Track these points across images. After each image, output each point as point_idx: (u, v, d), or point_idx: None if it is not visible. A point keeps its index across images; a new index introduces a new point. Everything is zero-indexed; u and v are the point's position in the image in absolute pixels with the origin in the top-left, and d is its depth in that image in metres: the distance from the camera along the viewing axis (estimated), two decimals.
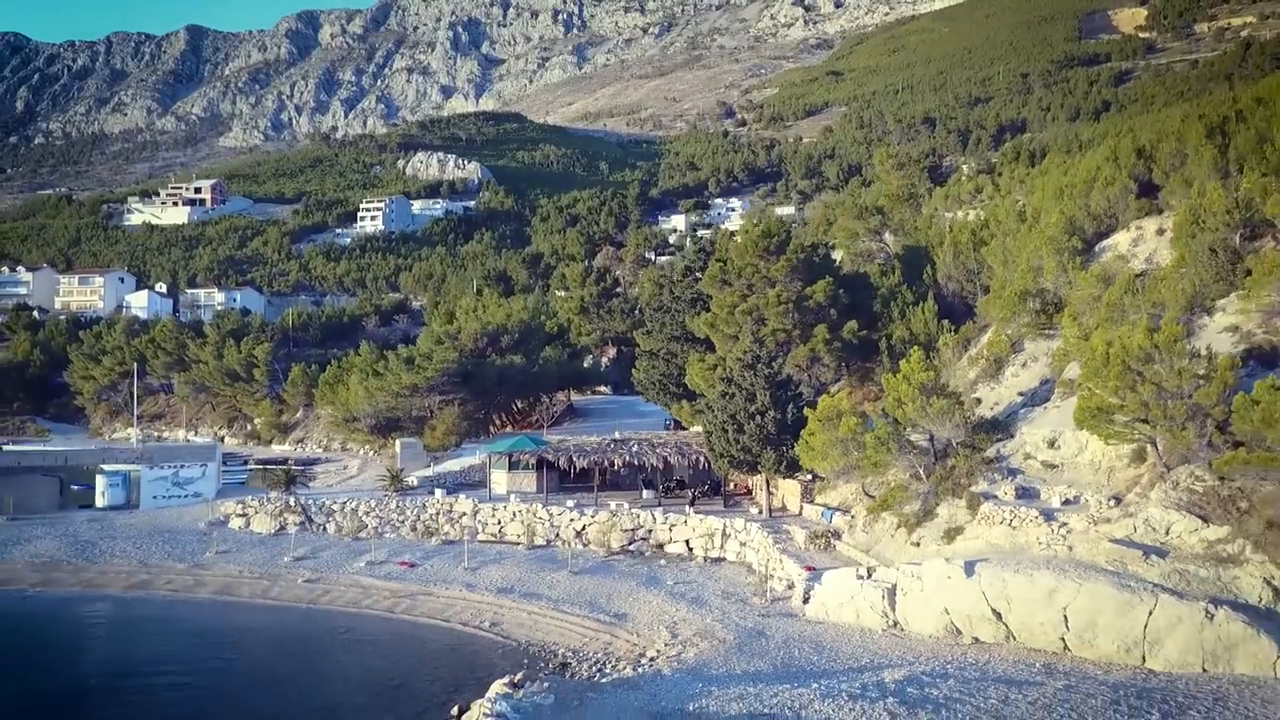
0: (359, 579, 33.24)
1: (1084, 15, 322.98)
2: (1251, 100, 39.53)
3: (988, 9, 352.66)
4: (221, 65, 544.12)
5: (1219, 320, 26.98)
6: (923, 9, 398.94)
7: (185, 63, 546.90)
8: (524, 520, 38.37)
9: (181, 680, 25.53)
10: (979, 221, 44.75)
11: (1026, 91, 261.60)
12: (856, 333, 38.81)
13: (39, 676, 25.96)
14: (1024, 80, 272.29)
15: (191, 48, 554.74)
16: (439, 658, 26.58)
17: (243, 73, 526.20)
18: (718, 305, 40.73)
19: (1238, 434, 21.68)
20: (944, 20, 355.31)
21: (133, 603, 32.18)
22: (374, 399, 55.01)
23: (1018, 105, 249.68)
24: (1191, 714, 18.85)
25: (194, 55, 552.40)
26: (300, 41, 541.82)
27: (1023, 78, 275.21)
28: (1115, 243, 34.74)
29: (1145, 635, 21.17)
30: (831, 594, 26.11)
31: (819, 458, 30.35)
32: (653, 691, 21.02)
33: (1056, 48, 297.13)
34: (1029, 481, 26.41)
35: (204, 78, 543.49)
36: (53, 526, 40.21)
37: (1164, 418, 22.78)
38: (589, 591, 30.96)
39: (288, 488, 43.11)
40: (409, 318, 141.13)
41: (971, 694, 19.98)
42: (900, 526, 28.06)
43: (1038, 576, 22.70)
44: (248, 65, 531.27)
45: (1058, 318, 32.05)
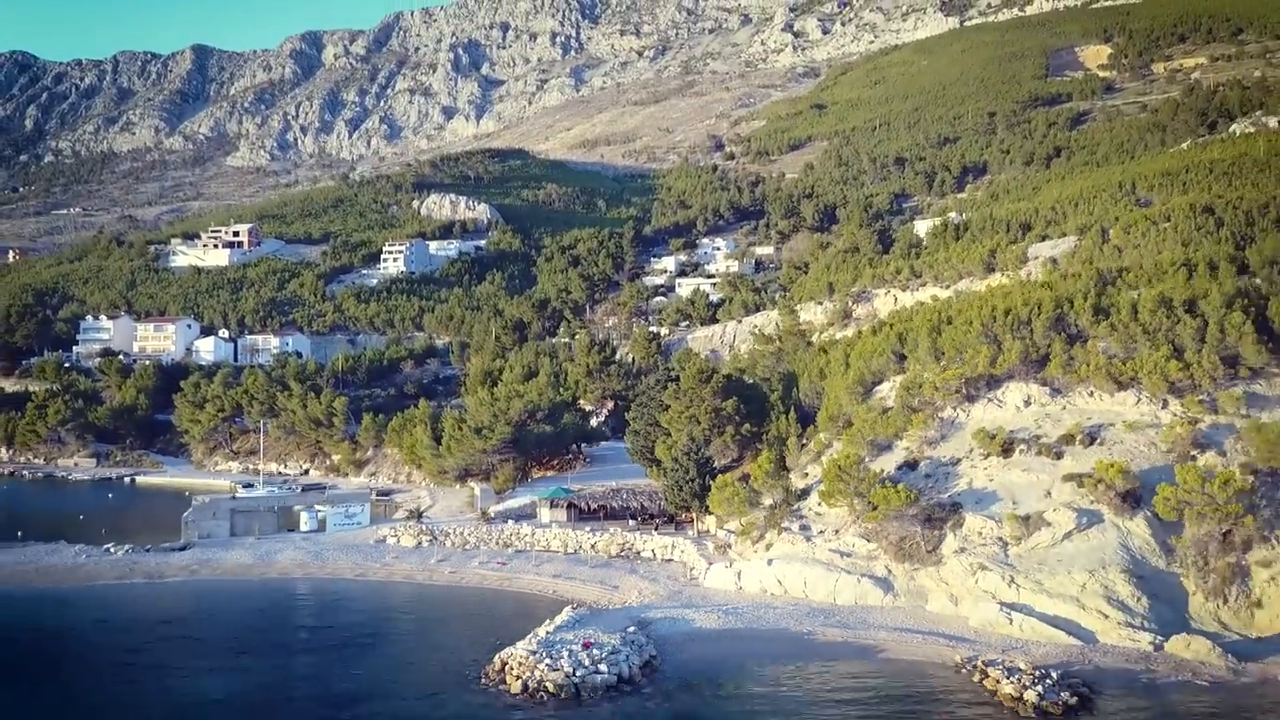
0: (477, 570, 64.12)
1: (1053, 52, 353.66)
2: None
3: (964, 43, 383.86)
4: (227, 85, 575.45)
5: (901, 445, 57.99)
6: (905, 38, 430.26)
7: (191, 82, 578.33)
8: (560, 539, 69.31)
9: (414, 617, 56.27)
10: (823, 362, 75.71)
11: (991, 132, 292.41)
12: (750, 430, 69.89)
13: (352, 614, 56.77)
14: (990, 120, 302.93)
15: (197, 67, 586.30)
16: (528, 606, 57.15)
17: (248, 92, 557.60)
18: (672, 411, 71.88)
19: (875, 502, 52.72)
20: (923, 53, 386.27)
21: (363, 583, 62.81)
22: (458, 457, 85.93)
23: (981, 147, 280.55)
24: (842, 618, 49.92)
25: (200, 74, 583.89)
26: (304, 62, 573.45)
27: (990, 116, 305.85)
28: (880, 389, 65.69)
29: (835, 590, 52.28)
30: (714, 575, 57.22)
31: (717, 507, 61.50)
32: (631, 613, 51.93)
33: (1024, 86, 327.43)
34: (807, 522, 57.35)
35: (210, 97, 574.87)
36: (287, 544, 71.16)
37: (855, 495, 53.85)
38: (599, 576, 61.62)
39: (419, 519, 74.09)
40: (439, 360, 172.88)
41: (761, 612, 51.00)
42: (751, 543, 59.10)
43: (794, 565, 53.89)
44: (253, 85, 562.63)
45: (847, 432, 63.03)
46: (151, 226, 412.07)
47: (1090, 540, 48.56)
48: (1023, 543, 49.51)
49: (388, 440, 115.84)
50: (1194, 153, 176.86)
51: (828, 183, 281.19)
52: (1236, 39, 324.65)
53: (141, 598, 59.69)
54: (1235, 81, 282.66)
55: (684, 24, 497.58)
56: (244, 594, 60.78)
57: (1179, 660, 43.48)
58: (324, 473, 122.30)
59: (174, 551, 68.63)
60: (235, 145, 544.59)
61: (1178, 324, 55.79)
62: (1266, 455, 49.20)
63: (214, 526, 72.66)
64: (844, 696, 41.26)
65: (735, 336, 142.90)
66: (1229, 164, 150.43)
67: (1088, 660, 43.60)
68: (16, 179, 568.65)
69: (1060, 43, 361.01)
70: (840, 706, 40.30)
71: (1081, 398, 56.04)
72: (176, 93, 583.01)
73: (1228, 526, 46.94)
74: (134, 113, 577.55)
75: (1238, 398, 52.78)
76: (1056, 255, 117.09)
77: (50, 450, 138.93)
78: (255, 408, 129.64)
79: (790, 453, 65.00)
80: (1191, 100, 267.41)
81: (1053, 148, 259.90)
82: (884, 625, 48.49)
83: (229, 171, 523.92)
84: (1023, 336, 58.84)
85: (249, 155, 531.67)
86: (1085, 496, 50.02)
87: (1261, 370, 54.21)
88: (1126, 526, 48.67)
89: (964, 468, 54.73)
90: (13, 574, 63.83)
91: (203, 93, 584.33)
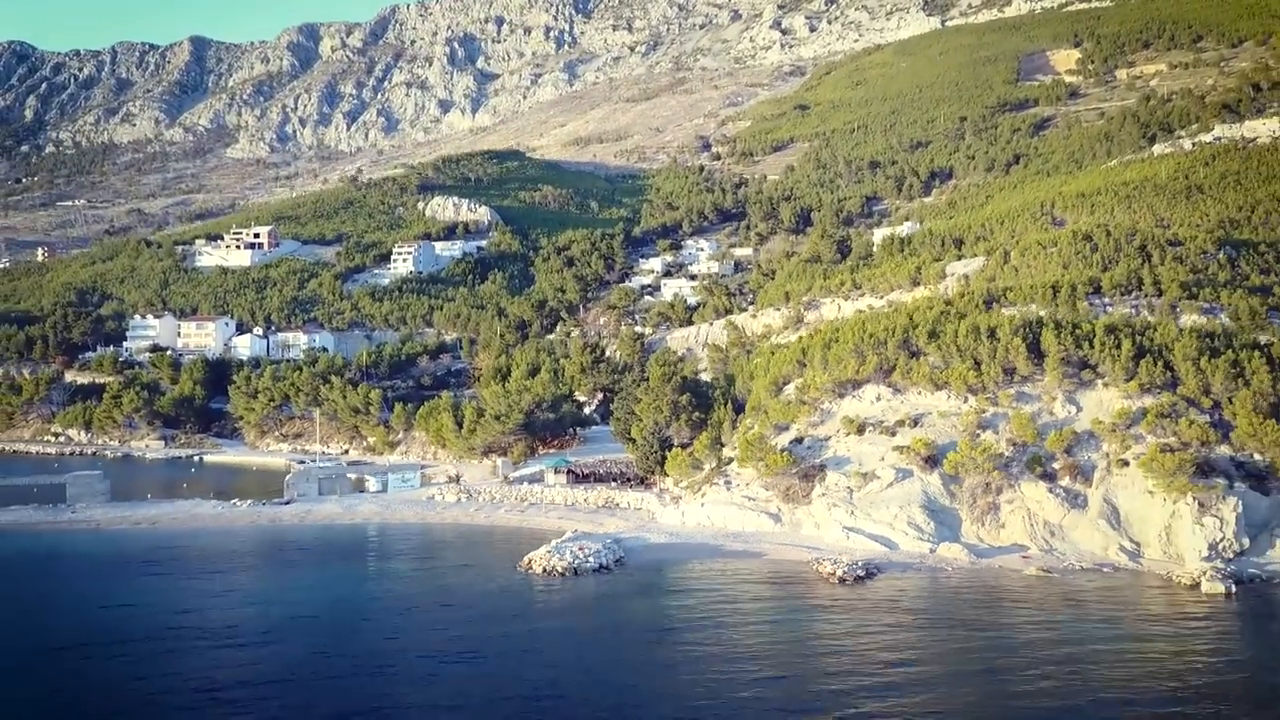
0: (504, 515, 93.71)
1: (1025, 56, 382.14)
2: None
3: (943, 45, 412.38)
4: (225, 76, 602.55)
5: (795, 427, 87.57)
6: (889, 37, 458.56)
7: (190, 73, 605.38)
8: (562, 495, 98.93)
9: (465, 542, 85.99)
10: (752, 367, 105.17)
11: (960, 137, 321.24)
12: (699, 417, 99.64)
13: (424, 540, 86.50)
14: (961, 124, 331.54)
15: (195, 58, 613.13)
16: (541, 536, 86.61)
17: (247, 84, 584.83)
18: (643, 403, 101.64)
19: (770, 465, 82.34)
20: (904, 54, 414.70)
21: (422, 524, 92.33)
22: (482, 438, 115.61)
23: (949, 152, 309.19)
24: (745, 539, 79.71)
25: (198, 66, 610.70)
26: (302, 54, 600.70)
27: (961, 121, 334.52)
28: (788, 388, 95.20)
29: (743, 521, 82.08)
30: (666, 515, 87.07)
31: (672, 471, 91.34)
32: (610, 535, 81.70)
33: (995, 90, 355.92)
34: (730, 479, 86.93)
35: (208, 88, 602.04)
36: (361, 500, 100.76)
37: (758, 460, 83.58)
38: (589, 518, 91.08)
39: (457, 481, 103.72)
40: (450, 356, 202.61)
41: (693, 535, 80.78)
42: (693, 493, 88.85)
43: (719, 507, 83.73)
44: (251, 77, 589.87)
45: (761, 418, 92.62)
46: (160, 221, 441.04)
47: (903, 488, 78.48)
48: (862, 490, 79.43)
49: (417, 424, 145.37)
50: (1116, 172, 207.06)
51: (806, 185, 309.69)
52: (1196, 46, 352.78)
53: (274, 532, 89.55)
54: (1187, 90, 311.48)
55: (675, 19, 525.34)
56: (344, 530, 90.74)
57: (943, 557, 73.52)
58: (362, 452, 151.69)
59: (282, 505, 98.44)
60: (235, 137, 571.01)
61: (979, 345, 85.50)
62: (1020, 432, 79.09)
63: (307, 488, 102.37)
64: (736, 577, 71.19)
65: (708, 337, 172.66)
66: (1134, 187, 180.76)
67: (889, 559, 73.54)
68: (19, 169, 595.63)
69: (1033, 46, 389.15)
70: (732, 580, 70.24)
71: (913, 395, 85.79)
72: (175, 84, 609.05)
73: (987, 479, 76.90)
74: (133, 104, 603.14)
75: (1011, 395, 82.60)
76: (969, 272, 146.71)
77: (124, 434, 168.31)
78: (301, 399, 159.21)
79: (725, 432, 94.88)
80: (1144, 109, 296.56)
81: (1013, 155, 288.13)
82: (771, 542, 78.50)
83: (229, 163, 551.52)
84: (879, 352, 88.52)
85: (248, 147, 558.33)
86: (903, 460, 79.86)
87: (1029, 377, 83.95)
88: (927, 479, 78.57)
89: (832, 442, 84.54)
90: (174, 519, 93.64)
91: (201, 84, 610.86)
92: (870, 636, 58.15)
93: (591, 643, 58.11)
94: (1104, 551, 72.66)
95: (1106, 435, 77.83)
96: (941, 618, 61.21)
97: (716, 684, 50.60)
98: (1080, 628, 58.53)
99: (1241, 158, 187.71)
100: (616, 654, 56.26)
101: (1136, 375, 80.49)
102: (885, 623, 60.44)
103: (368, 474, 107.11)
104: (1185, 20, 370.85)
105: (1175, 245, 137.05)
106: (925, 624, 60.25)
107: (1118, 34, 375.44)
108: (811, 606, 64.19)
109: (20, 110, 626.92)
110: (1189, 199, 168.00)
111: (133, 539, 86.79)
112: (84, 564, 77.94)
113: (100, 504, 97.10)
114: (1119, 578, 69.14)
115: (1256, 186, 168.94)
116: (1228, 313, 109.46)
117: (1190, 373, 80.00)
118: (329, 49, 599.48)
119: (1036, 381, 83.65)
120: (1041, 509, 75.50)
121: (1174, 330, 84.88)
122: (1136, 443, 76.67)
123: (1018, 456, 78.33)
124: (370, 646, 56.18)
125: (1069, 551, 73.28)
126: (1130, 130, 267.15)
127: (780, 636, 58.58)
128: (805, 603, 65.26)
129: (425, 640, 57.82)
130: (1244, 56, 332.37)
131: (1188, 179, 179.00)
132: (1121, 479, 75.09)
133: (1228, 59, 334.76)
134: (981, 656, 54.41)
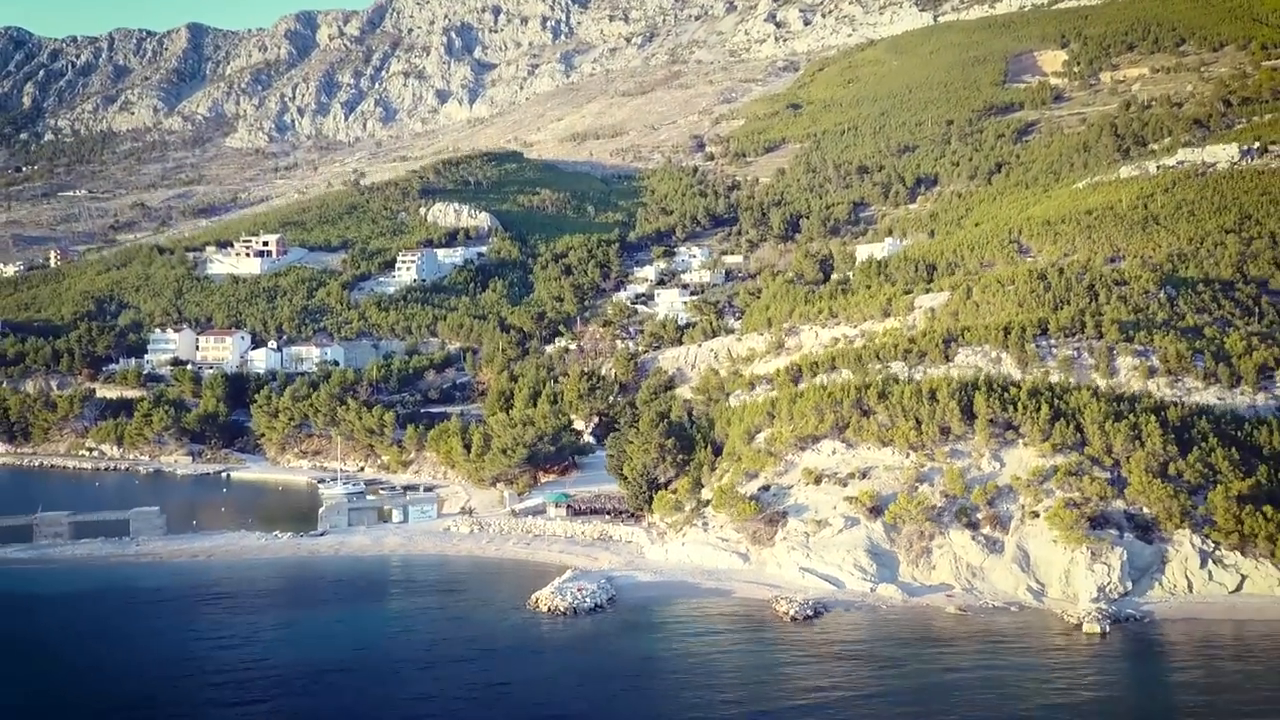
0: (512, 548, 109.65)
1: (1013, 56, 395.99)
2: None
3: (934, 43, 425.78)
4: (223, 64, 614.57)
5: (763, 475, 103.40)
6: (883, 32, 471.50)
7: (187, 61, 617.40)
8: (563, 528, 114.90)
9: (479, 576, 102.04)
10: (729, 415, 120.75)
11: (946, 142, 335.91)
12: (682, 459, 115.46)
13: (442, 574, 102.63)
14: (948, 128, 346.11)
15: (193, 45, 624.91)
16: (544, 570, 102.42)
17: (245, 73, 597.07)
18: (634, 445, 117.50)
19: (740, 511, 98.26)
20: (895, 52, 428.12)
21: (440, 556, 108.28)
22: (490, 470, 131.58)
23: (935, 158, 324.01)
24: (718, 576, 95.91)
25: (196, 53, 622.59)
26: (299, 42, 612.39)
27: (948, 125, 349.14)
28: (759, 438, 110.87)
29: (717, 560, 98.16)
30: (652, 552, 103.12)
31: (658, 509, 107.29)
32: (603, 573, 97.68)
33: (982, 93, 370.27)
34: (707, 521, 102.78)
35: (206, 76, 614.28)
36: (387, 531, 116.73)
37: (730, 506, 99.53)
38: (586, 551, 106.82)
39: (470, 514, 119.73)
40: (455, 369, 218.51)
41: (675, 573, 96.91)
42: (676, 532, 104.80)
43: (697, 546, 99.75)
44: (249, 65, 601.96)
45: (735, 465, 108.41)
46: (164, 215, 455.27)
47: (851, 534, 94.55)
48: (816, 535, 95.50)
49: (428, 446, 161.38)
50: (1083, 195, 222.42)
51: (796, 190, 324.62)
52: (1179, 49, 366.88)
53: (314, 565, 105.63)
54: (1165, 98, 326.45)
55: (671, 10, 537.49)
56: (374, 562, 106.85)
57: (881, 596, 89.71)
58: (377, 470, 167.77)
59: (318, 536, 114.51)
60: (234, 126, 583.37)
61: (920, 406, 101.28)
62: (951, 486, 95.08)
63: (338, 520, 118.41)
64: (709, 612, 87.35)
65: (696, 357, 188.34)
66: (1096, 216, 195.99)
67: (835, 598, 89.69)
68: (18, 158, 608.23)
69: (1022, 46, 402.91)
70: (706, 616, 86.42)
71: (864, 450, 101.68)
72: (173, 71, 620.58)
73: (922, 528, 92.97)
74: (132, 92, 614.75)
75: (946, 452, 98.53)
76: (935, 306, 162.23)
77: (154, 449, 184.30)
78: (320, 419, 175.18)
79: (705, 474, 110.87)
80: (1123, 117, 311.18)
81: (995, 163, 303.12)
82: (740, 580, 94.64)
83: (228, 153, 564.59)
84: (836, 411, 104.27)
85: (247, 137, 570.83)
86: (852, 509, 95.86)
87: (962, 435, 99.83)
88: (871, 526, 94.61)
89: (793, 491, 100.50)
90: (227, 551, 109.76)
91: (199, 72, 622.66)
92: (807, 667, 74.47)
93: (593, 675, 74.32)
94: (1015, 591, 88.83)
95: (1023, 489, 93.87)
96: (867, 654, 77.44)
97: (688, 708, 67.04)
98: (971, 660, 74.87)
99: (1198, 186, 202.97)
100: (611, 685, 72.45)
101: (1051, 436, 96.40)
102: (821, 655, 76.75)
103: (390, 503, 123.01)
104: (1170, 21, 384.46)
105: (1121, 285, 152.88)
106: (853, 659, 76.48)
107: (1104, 35, 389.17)
108: (767, 641, 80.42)
109: (19, 97, 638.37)
110: (1145, 230, 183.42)
111: (192, 571, 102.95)
112: (163, 598, 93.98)
113: (159, 537, 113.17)
114: (1023, 615, 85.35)
115: (1207, 218, 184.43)
116: (1158, 355, 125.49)
117: (1096, 435, 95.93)
118: (326, 37, 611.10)
119: (968, 440, 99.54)
120: (965, 553, 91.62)
121: (1086, 395, 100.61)
122: (1047, 496, 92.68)
123: (948, 507, 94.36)
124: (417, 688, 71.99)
125: (986, 591, 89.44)
126: (1106, 143, 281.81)
127: (738, 668, 74.90)
128: (762, 637, 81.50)
129: (460, 676, 73.92)
130: (1224, 61, 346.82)
131: (1146, 208, 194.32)
132: (1032, 528, 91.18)
133: (1208, 64, 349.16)
134: (886, 686, 70.83)
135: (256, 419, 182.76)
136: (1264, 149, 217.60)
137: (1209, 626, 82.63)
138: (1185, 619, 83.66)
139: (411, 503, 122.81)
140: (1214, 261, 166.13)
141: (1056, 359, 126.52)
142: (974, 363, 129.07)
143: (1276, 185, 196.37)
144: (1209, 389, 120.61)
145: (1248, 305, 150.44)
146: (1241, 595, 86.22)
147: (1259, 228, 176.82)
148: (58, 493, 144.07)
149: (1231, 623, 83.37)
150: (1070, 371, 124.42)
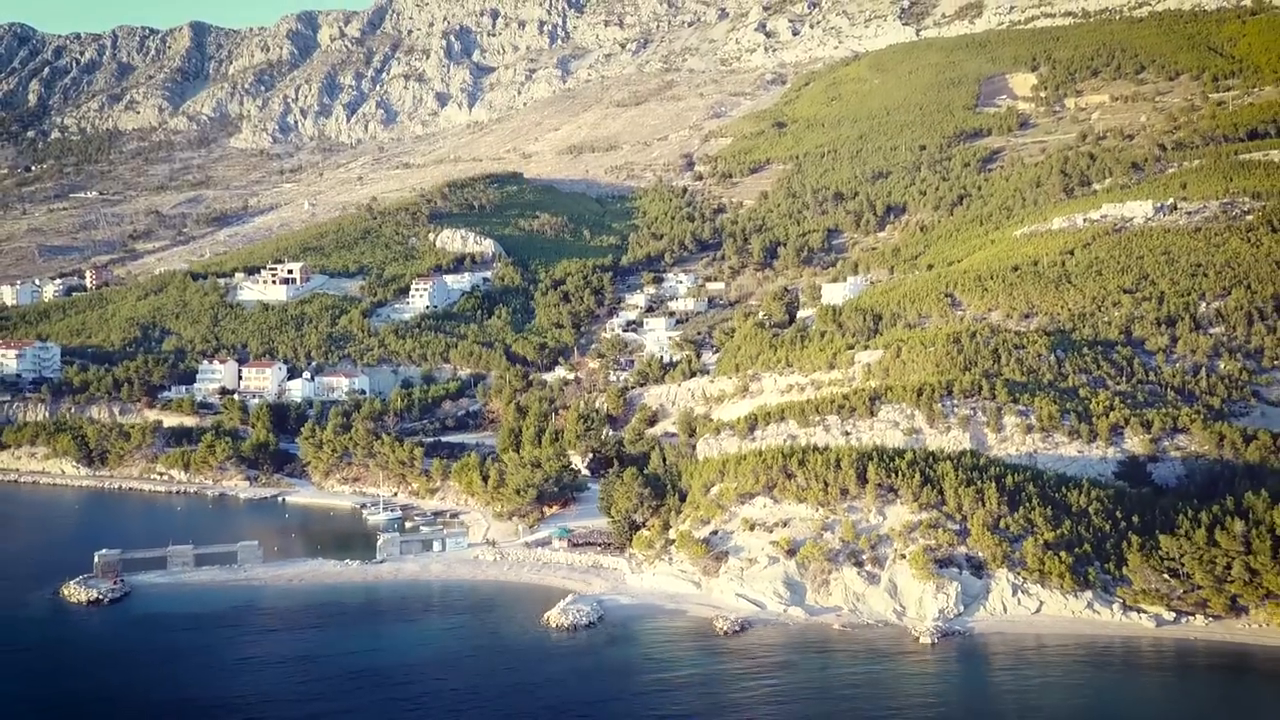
0: (527, 575, 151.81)
1: (986, 79, 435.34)
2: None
3: (913, 63, 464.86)
4: (225, 63, 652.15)
5: (713, 523, 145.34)
6: (867, 45, 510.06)
7: (191, 60, 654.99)
8: (565, 558, 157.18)
9: (503, 598, 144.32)
10: (693, 469, 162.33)
11: (916, 169, 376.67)
12: (656, 504, 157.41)
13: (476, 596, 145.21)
14: (920, 153, 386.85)
15: (196, 44, 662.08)
16: (552, 592, 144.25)
17: (248, 73, 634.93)
18: (618, 492, 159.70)
19: (692, 552, 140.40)
20: (877, 69, 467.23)
21: (472, 581, 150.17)
22: (506, 506, 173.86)
23: (905, 185, 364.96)
24: (677, 601, 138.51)
25: (199, 52, 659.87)
26: (300, 42, 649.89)
27: (920, 150, 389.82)
28: (714, 490, 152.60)
29: (677, 588, 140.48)
30: (631, 580, 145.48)
31: (636, 546, 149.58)
32: (594, 597, 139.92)
33: (955, 116, 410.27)
34: (671, 556, 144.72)
35: (209, 75, 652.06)
36: (430, 559, 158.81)
37: (686, 548, 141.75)
38: (582, 577, 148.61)
39: (492, 545, 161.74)
40: (468, 399, 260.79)
41: (647, 597, 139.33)
42: (650, 564, 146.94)
43: (663, 577, 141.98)
44: (252, 65, 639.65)
45: (694, 512, 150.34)
46: (178, 223, 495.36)
47: (773, 569, 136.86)
48: (749, 569, 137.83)
49: (452, 476, 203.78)
50: (1019, 245, 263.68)
51: (776, 216, 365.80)
52: (1138, 76, 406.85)
53: (382, 590, 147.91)
54: (1119, 130, 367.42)
55: (665, 16, 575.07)
56: (425, 586, 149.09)
57: (790, 616, 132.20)
58: (408, 496, 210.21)
59: (379, 564, 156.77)
60: (238, 127, 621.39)
61: (829, 472, 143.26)
62: (846, 535, 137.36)
63: (392, 550, 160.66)
64: (668, 626, 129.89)
65: (676, 395, 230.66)
66: (1021, 272, 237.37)
67: (759, 617, 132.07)
68: (26, 156, 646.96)
69: (995, 69, 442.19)
70: (667, 630, 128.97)
71: (785, 504, 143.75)
72: (177, 70, 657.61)
73: (823, 565, 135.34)
74: (136, 91, 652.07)
75: (845, 508, 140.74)
76: (871, 362, 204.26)
77: (215, 474, 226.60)
78: (359, 451, 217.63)
79: (672, 518, 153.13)
80: (1077, 150, 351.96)
81: (958, 195, 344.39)
82: (693, 603, 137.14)
83: (233, 154, 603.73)
84: (767, 473, 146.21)
85: (251, 138, 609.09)
86: (775, 550, 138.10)
87: (858, 495, 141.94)
88: (787, 563, 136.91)
89: (734, 536, 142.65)
90: (314, 575, 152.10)
91: (202, 71, 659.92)
92: (731, 665, 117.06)
93: (591, 673, 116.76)
94: (885, 613, 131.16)
95: (897, 537, 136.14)
96: (773, 658, 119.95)
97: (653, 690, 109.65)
98: (843, 661, 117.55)
99: (1110, 244, 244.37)
100: (604, 679, 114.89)
101: (920, 497, 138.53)
102: (741, 657, 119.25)
103: (433, 535, 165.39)
104: (1134, 48, 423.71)
105: (1019, 349, 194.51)
106: (763, 659, 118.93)
107: (1071, 59, 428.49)
108: (707, 649, 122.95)
109: (24, 95, 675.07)
110: (1058, 289, 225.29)
111: (293, 594, 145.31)
112: (285, 617, 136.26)
113: (258, 564, 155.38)
114: (888, 630, 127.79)
115: (1111, 278, 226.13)
116: (1035, 415, 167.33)
117: (952, 496, 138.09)
118: (327, 37, 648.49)
119: (862, 499, 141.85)
120: (853, 584, 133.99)
121: (949, 466, 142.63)
122: (913, 543, 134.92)
123: (843, 550, 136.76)
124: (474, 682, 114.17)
125: (866, 612, 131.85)
126: (1054, 181, 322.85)
127: (687, 667, 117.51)
128: (704, 645, 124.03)
129: (504, 678, 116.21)
130: (1178, 91, 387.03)
131: (1064, 266, 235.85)
132: (900, 567, 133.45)
133: (1163, 93, 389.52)
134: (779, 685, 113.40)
135: (303, 449, 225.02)
136: (1174, 206, 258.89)
137: (1016, 639, 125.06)
138: (998, 633, 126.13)
139: (449, 535, 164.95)
140: (1106, 323, 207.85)
141: (957, 417, 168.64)
142: (893, 418, 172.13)
143: (1177, 245, 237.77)
144: (1072, 444, 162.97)
145: (1122, 366, 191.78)
146: (1039, 616, 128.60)
147: (1152, 288, 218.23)
148: (161, 520, 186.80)
149: (1032, 635, 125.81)
150: (967, 428, 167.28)
